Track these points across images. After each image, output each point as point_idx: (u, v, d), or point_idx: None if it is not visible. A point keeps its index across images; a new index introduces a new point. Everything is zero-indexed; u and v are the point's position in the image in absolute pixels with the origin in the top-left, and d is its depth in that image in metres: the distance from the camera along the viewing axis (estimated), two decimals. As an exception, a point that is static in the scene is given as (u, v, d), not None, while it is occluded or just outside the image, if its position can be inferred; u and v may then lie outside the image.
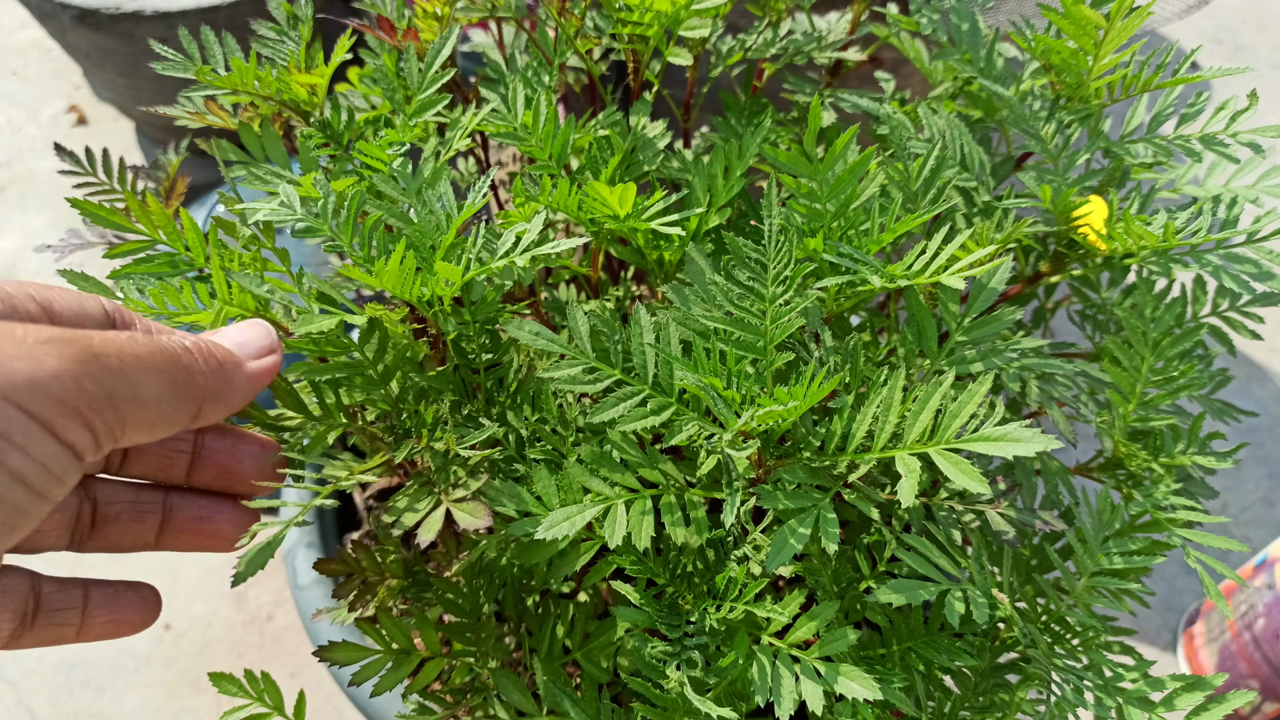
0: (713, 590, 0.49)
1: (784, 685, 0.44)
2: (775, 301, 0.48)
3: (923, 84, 1.57)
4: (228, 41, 0.69)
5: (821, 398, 0.43)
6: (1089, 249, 0.58)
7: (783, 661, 0.45)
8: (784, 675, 0.44)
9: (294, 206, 0.51)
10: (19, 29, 2.20)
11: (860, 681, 0.44)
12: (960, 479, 0.38)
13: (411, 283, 0.49)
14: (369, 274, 0.48)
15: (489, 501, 0.50)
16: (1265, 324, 0.67)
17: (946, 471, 0.39)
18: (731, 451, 0.43)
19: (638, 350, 0.49)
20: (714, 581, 0.49)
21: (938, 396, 0.42)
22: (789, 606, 0.47)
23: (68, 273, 0.53)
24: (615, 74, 1.62)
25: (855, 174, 0.51)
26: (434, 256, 0.51)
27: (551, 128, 0.60)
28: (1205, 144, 0.63)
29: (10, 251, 1.82)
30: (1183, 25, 2.36)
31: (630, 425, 0.47)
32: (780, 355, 0.47)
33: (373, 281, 0.48)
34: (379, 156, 0.59)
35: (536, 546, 0.51)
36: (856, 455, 0.45)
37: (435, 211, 0.53)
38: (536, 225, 0.51)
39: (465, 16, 0.76)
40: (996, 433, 0.39)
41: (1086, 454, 1.67)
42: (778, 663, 0.45)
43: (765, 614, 0.46)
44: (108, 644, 1.40)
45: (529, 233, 0.50)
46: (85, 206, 0.54)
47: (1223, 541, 0.52)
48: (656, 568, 0.51)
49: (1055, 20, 0.57)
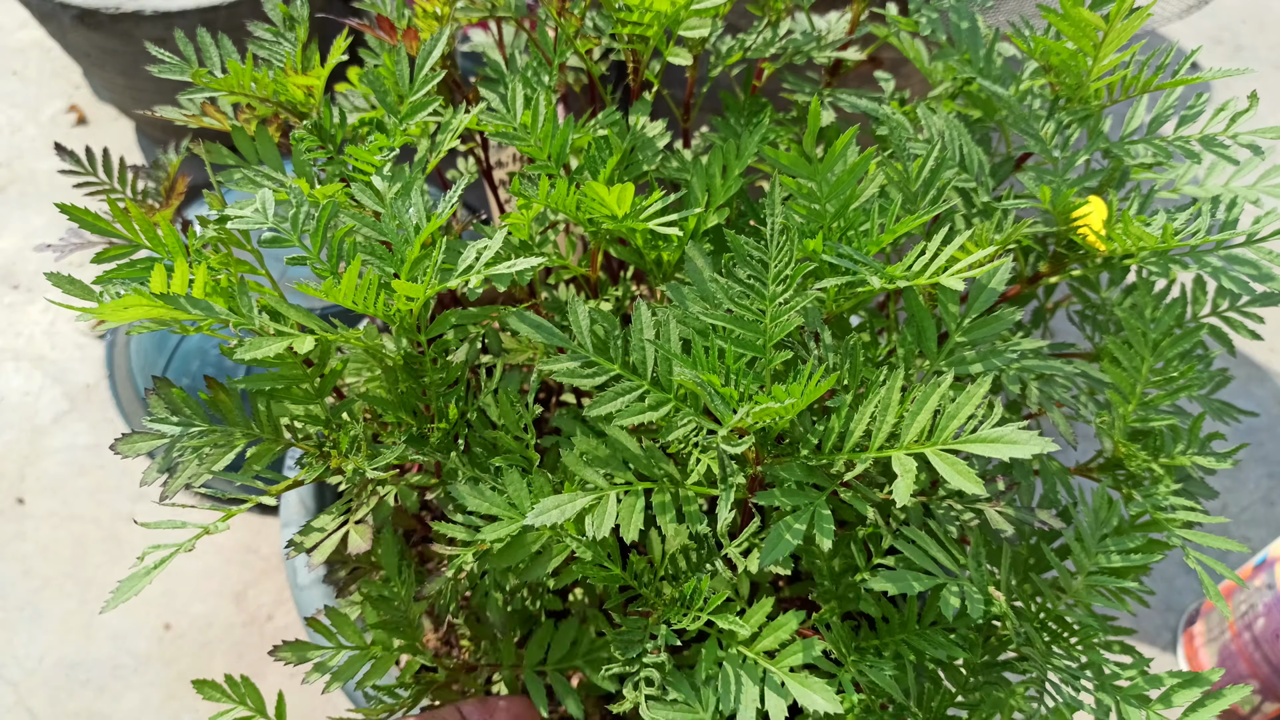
0: (681, 598, 0.49)
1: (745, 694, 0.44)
2: (775, 300, 0.48)
3: (922, 84, 1.57)
4: (224, 43, 0.69)
5: (819, 396, 0.43)
6: (1088, 250, 0.58)
7: (748, 670, 0.45)
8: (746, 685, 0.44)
9: (267, 215, 0.51)
10: (19, 29, 2.20)
11: (821, 694, 0.43)
12: (956, 480, 0.39)
13: (373, 298, 0.49)
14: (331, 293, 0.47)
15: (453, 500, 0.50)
16: (1265, 325, 0.67)
17: (943, 472, 0.39)
18: (727, 447, 0.43)
19: (637, 346, 0.49)
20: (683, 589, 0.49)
21: (936, 397, 0.42)
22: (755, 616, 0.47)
23: (54, 275, 0.52)
24: (615, 74, 1.62)
25: (855, 175, 0.50)
26: (403, 271, 0.50)
27: (550, 127, 0.59)
28: (1205, 145, 0.63)
29: (10, 251, 1.82)
30: (1182, 25, 2.36)
31: (628, 419, 0.47)
32: (779, 354, 0.47)
33: (325, 297, 0.48)
34: (368, 161, 0.59)
35: (511, 548, 0.51)
36: (853, 454, 0.45)
37: (404, 223, 0.52)
38: (497, 242, 0.50)
39: (465, 16, 0.76)
40: (994, 434, 0.39)
41: (1086, 455, 1.67)
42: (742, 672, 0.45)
43: (727, 625, 0.46)
44: (108, 644, 1.40)
45: (489, 249, 0.50)
46: (73, 211, 0.53)
47: (1222, 542, 0.52)
48: (623, 573, 0.51)
49: (1054, 22, 0.57)
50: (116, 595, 0.46)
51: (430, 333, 0.53)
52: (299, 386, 0.53)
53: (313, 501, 0.98)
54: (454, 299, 0.77)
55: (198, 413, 0.53)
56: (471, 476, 0.52)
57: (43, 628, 1.41)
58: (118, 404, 1.60)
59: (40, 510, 1.52)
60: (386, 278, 0.50)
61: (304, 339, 0.47)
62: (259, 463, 0.50)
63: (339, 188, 0.56)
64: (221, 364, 1.40)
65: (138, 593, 0.46)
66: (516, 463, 0.54)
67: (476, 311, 0.59)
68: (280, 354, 0.52)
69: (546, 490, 0.49)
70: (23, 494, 1.53)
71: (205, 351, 1.43)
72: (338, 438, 0.51)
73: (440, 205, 0.50)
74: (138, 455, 0.52)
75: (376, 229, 0.52)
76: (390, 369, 0.57)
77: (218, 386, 0.53)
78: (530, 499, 0.49)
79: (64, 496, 1.53)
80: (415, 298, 0.48)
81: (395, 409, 0.55)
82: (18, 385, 1.65)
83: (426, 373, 0.55)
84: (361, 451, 0.52)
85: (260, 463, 0.50)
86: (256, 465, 0.50)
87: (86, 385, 1.65)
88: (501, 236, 0.50)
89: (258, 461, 0.50)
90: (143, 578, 0.46)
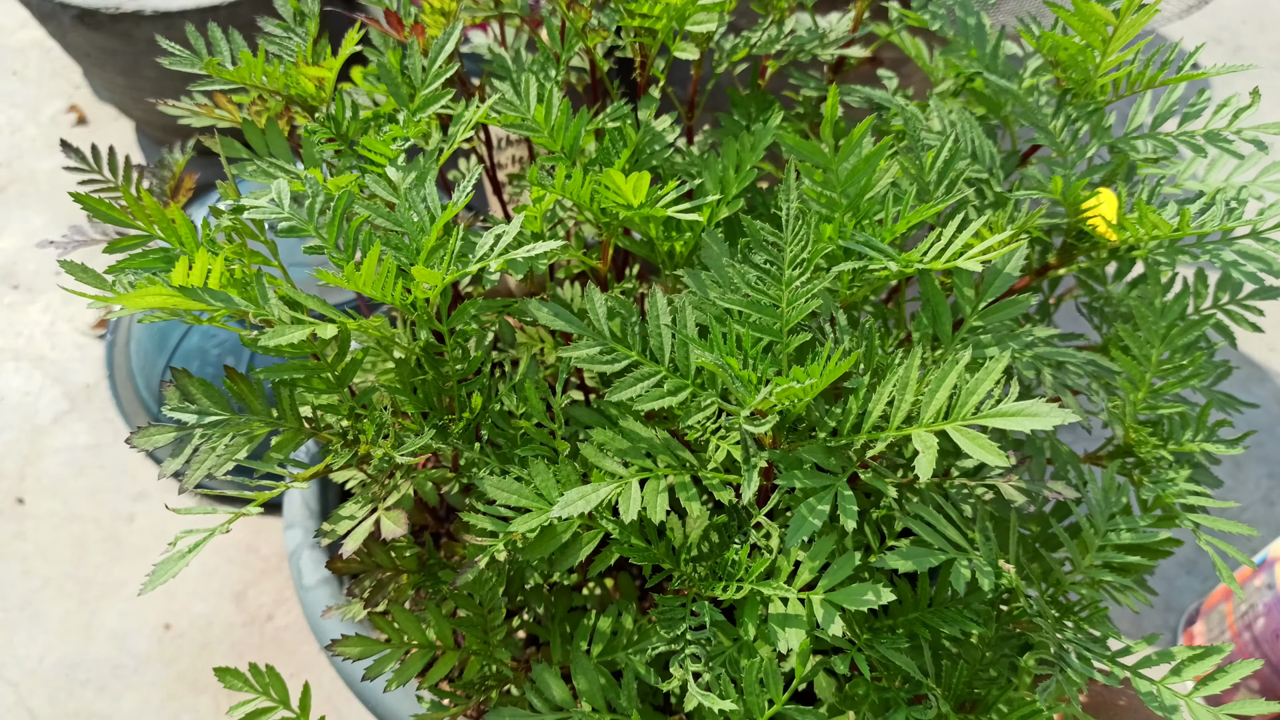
0: (719, 571, 0.50)
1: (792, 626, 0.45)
2: (791, 285, 0.48)
3: (923, 83, 1.58)
4: (234, 37, 0.69)
5: (839, 376, 0.44)
6: (1099, 240, 0.59)
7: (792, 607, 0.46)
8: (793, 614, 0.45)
9: (284, 205, 0.51)
10: (19, 29, 2.20)
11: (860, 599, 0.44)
12: (978, 453, 0.39)
13: (391, 286, 0.49)
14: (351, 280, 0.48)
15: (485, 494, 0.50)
16: (1266, 325, 0.68)
17: (964, 447, 0.40)
18: (750, 428, 0.43)
19: (654, 332, 0.50)
20: (721, 560, 0.49)
21: (954, 375, 0.42)
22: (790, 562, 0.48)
23: (67, 263, 0.53)
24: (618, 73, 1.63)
25: (870, 164, 0.51)
26: (419, 259, 0.51)
27: (564, 119, 0.60)
28: (1209, 140, 0.64)
29: (10, 251, 1.82)
30: (1183, 25, 2.37)
31: (647, 404, 0.48)
32: (796, 338, 0.47)
33: (346, 285, 0.48)
34: (382, 152, 0.59)
35: (542, 539, 0.51)
36: (873, 434, 0.45)
37: (420, 212, 0.53)
38: (514, 227, 0.51)
39: (471, 16, 0.76)
40: (1014, 408, 0.39)
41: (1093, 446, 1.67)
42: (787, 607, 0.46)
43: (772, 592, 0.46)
44: (108, 644, 1.40)
45: (506, 235, 0.50)
46: (89, 201, 0.54)
47: (1233, 526, 0.52)
48: (660, 551, 0.51)
49: (1064, 16, 0.57)
50: (153, 579, 0.46)
51: (450, 323, 0.54)
52: (319, 376, 0.53)
53: (317, 503, 0.98)
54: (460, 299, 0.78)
55: (218, 402, 0.53)
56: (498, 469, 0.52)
57: (43, 628, 1.41)
58: (118, 404, 1.60)
59: (40, 510, 1.51)
60: (404, 266, 0.50)
61: (327, 326, 0.47)
62: (282, 451, 0.51)
63: (353, 178, 0.56)
64: (221, 364, 1.39)
65: (175, 575, 0.47)
66: (542, 453, 0.54)
67: (498, 301, 0.59)
68: (300, 343, 0.52)
69: (574, 480, 0.49)
70: (23, 494, 1.53)
71: (205, 351, 1.43)
72: (363, 426, 0.52)
73: (456, 194, 0.50)
74: (154, 448, 0.52)
75: (392, 219, 0.52)
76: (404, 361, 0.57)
77: (238, 377, 0.53)
78: (558, 489, 0.49)
79: (64, 496, 1.53)
80: (434, 285, 0.49)
81: (416, 401, 0.55)
82: (18, 385, 1.64)
83: (447, 363, 0.55)
84: (390, 438, 0.52)
85: (283, 451, 0.51)
86: (280, 454, 0.50)
87: (86, 385, 1.65)
88: (518, 223, 0.50)
89: (281, 450, 0.51)
90: (178, 561, 0.47)
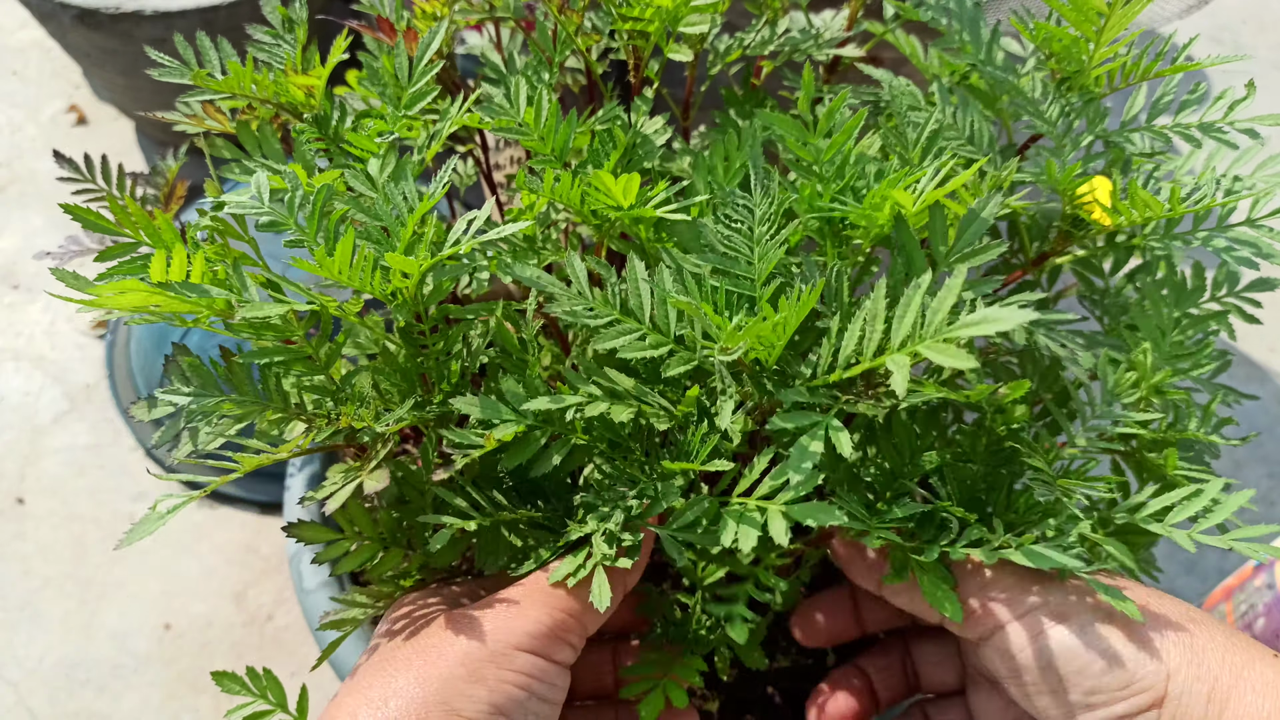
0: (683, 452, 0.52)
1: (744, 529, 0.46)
2: (761, 241, 0.51)
3: (921, 84, 1.58)
4: (224, 46, 0.69)
5: (807, 311, 0.45)
6: (1094, 225, 0.59)
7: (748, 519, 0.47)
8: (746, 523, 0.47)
9: (263, 199, 0.52)
10: (19, 29, 2.20)
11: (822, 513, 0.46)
12: (950, 363, 0.40)
13: (369, 275, 0.50)
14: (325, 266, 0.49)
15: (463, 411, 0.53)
16: (1266, 325, 0.68)
17: (936, 360, 0.41)
18: (723, 358, 0.45)
19: (634, 292, 0.52)
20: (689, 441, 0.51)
21: (918, 298, 0.43)
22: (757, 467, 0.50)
23: (58, 271, 0.53)
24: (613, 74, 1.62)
25: (848, 134, 0.52)
26: (398, 250, 0.52)
27: (554, 122, 0.60)
28: (1204, 131, 0.64)
29: (10, 251, 1.82)
30: (1182, 25, 2.37)
31: (632, 354, 0.50)
32: (769, 288, 0.50)
33: (321, 273, 0.49)
34: (366, 146, 0.60)
35: (518, 446, 0.54)
36: (849, 371, 0.46)
37: (398, 204, 0.54)
38: (485, 211, 0.52)
39: (463, 18, 0.76)
40: (976, 318, 0.40)
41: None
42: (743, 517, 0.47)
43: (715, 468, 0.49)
44: (108, 644, 1.40)
45: (478, 219, 0.52)
46: (78, 212, 0.55)
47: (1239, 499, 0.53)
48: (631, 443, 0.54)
49: (1056, 6, 0.58)
50: (129, 537, 0.48)
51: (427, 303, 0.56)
52: (303, 360, 0.55)
53: (317, 507, 0.98)
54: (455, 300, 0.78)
55: (209, 381, 0.56)
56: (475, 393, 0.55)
57: (43, 628, 1.41)
58: (118, 404, 1.60)
59: (40, 510, 1.52)
60: (384, 258, 0.51)
61: (300, 305, 0.49)
62: (274, 428, 0.53)
63: (336, 174, 0.57)
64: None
65: (151, 533, 0.47)
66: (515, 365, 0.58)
67: (476, 306, 0.60)
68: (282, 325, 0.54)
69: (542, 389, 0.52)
70: (23, 494, 1.53)
71: (205, 351, 1.43)
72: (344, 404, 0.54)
73: (432, 186, 0.51)
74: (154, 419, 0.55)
75: (370, 212, 0.54)
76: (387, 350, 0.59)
77: (230, 355, 0.55)
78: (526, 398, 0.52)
79: (64, 496, 1.53)
80: (410, 273, 0.50)
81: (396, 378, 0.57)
82: (18, 385, 1.65)
83: (427, 341, 0.57)
84: (372, 408, 0.55)
85: (274, 428, 0.53)
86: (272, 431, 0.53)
87: (86, 385, 1.65)
88: (491, 204, 0.52)
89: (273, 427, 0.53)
90: (156, 521, 0.48)
